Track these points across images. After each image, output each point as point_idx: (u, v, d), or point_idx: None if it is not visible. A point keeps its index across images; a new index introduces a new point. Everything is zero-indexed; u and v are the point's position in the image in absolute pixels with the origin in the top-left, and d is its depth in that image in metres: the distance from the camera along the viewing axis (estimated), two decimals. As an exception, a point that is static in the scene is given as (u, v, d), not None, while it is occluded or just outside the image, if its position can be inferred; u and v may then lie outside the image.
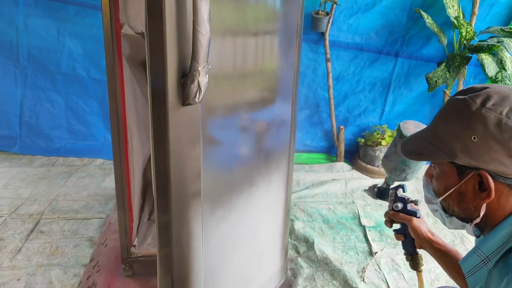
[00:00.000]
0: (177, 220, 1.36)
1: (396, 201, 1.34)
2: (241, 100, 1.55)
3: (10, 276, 2.24)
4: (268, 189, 1.81)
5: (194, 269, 1.47)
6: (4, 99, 3.43)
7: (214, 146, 1.46)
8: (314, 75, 3.56)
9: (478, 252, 0.94)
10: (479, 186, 0.90)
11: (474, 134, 0.87)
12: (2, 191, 3.04)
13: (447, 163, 0.93)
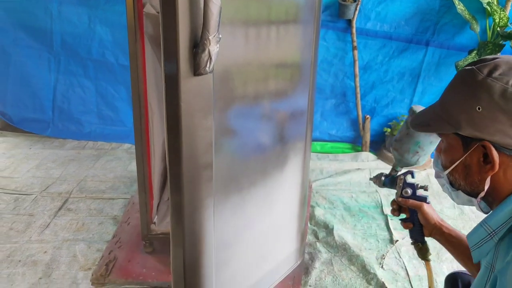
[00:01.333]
0: (189, 190, 1.38)
1: (405, 187, 1.32)
2: (258, 86, 1.56)
3: (37, 249, 2.34)
4: (283, 171, 1.81)
5: (206, 243, 1.49)
6: (38, 84, 3.57)
7: (228, 125, 1.48)
8: (341, 64, 3.53)
9: (485, 226, 0.92)
10: (483, 158, 0.88)
11: (479, 105, 0.85)
12: (35, 170, 3.17)
13: (453, 135, 0.92)
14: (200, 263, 1.50)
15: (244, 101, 1.52)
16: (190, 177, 1.37)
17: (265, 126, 1.67)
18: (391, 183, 1.39)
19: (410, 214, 1.33)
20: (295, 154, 1.87)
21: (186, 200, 1.39)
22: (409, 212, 1.33)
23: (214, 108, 1.35)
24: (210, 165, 1.41)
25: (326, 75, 3.57)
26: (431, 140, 1.30)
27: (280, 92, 1.68)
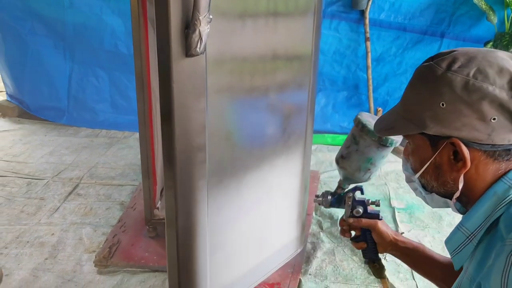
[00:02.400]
0: (182, 171, 1.39)
1: (356, 205, 1.21)
2: (254, 71, 1.56)
3: (45, 231, 2.40)
4: (281, 158, 1.81)
5: (200, 225, 1.51)
6: (54, 73, 3.65)
7: (223, 109, 1.48)
8: (354, 55, 3.49)
9: (462, 228, 0.88)
10: (454, 156, 0.84)
11: (442, 100, 0.81)
12: (48, 156, 3.25)
13: (419, 136, 0.88)
14: (194, 244, 1.51)
15: (240, 86, 1.53)
16: (183, 159, 1.39)
17: (262, 112, 1.67)
18: (338, 202, 1.28)
19: (362, 233, 1.24)
20: (295, 141, 1.86)
21: (179, 181, 1.40)
22: (361, 231, 1.24)
23: (207, 91, 1.36)
24: (203, 148, 1.42)
25: (339, 67, 3.54)
26: (383, 154, 1.20)
27: (278, 79, 1.68)
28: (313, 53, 1.79)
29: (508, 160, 0.83)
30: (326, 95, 3.62)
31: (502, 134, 0.80)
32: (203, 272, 1.58)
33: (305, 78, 1.80)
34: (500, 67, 0.79)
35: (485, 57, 0.81)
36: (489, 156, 0.82)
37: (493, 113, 0.78)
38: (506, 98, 0.77)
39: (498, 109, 0.78)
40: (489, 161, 0.83)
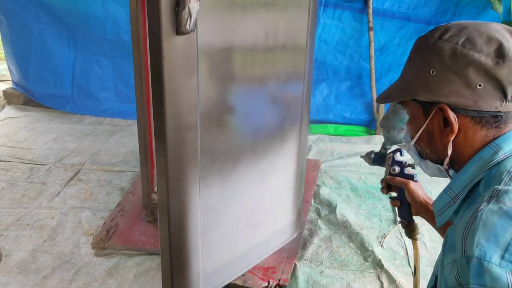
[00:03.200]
0: (173, 150, 1.40)
1: (394, 164, 1.30)
2: (249, 54, 1.56)
3: (46, 214, 2.43)
4: (275, 142, 1.81)
5: (191, 204, 1.52)
6: (59, 61, 3.68)
7: (216, 89, 1.48)
8: (357, 45, 3.47)
9: (449, 191, 0.91)
10: (443, 122, 0.87)
11: (432, 68, 0.85)
12: (52, 143, 3.28)
13: (414, 104, 0.92)
14: (186, 224, 1.53)
15: (232, 67, 1.52)
16: (174, 138, 1.39)
17: (255, 95, 1.67)
18: (380, 161, 1.39)
19: (398, 192, 1.31)
20: (290, 126, 1.86)
21: (170, 160, 1.41)
22: (397, 190, 1.31)
23: (198, 69, 1.37)
24: (195, 127, 1.42)
25: (341, 57, 3.52)
26: None
27: (272, 61, 1.67)
28: (308, 40, 1.78)
29: (497, 127, 0.85)
30: (328, 85, 3.60)
31: (489, 101, 0.82)
32: (195, 253, 1.59)
33: (301, 62, 1.79)
34: (490, 37, 0.81)
35: (476, 27, 0.84)
36: (477, 123, 0.85)
37: (479, 80, 0.81)
38: (491, 64, 0.79)
39: (484, 76, 0.80)
40: (477, 127, 0.85)
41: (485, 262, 0.69)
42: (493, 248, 0.70)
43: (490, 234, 0.71)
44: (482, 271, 0.69)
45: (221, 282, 1.78)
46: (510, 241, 0.69)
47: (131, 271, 2.02)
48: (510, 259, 0.68)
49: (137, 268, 2.03)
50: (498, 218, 0.72)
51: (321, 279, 2.00)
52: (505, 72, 0.80)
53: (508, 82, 0.80)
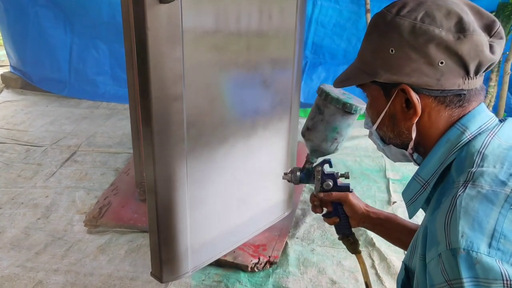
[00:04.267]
0: (158, 120, 1.40)
1: (325, 179, 1.19)
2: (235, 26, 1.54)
3: (40, 193, 2.44)
4: (264, 118, 1.80)
5: (178, 174, 1.52)
6: (56, 44, 3.67)
7: (202, 61, 1.47)
8: (355, 28, 3.44)
9: (418, 178, 0.87)
10: (406, 104, 0.83)
11: (391, 46, 0.80)
12: (48, 125, 3.29)
13: (374, 86, 0.86)
14: (173, 195, 1.53)
15: (218, 37, 1.51)
16: (159, 108, 1.39)
17: (244, 69, 1.65)
18: (308, 178, 1.23)
19: (333, 208, 1.21)
20: (280, 102, 1.85)
21: (155, 130, 1.41)
22: (333, 205, 1.21)
23: (183, 39, 1.36)
24: (180, 98, 1.42)
25: (339, 40, 3.50)
26: (349, 123, 1.15)
27: (259, 33, 1.65)
28: (298, 22, 1.76)
29: (461, 106, 0.82)
30: (326, 68, 3.58)
31: (451, 79, 0.79)
32: (183, 227, 1.60)
33: (290, 38, 1.78)
34: (449, 10, 0.77)
35: (434, 1, 0.80)
36: (440, 103, 0.81)
37: (441, 57, 0.77)
38: (452, 40, 0.76)
39: (445, 52, 0.77)
40: (441, 107, 0.82)
41: (474, 253, 0.65)
42: (479, 237, 0.66)
43: (474, 222, 0.67)
44: (472, 262, 0.65)
45: (210, 257, 1.79)
46: (495, 226, 0.66)
47: (123, 247, 2.03)
48: (498, 246, 0.65)
49: (129, 245, 2.04)
50: (478, 204, 0.69)
51: (312, 257, 2.00)
52: (466, 47, 0.76)
53: (470, 58, 0.77)
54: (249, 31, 1.60)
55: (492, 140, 0.78)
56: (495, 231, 0.66)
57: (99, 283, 1.81)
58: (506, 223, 0.66)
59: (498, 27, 0.79)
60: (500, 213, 0.67)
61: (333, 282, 1.85)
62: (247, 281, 1.85)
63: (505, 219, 0.66)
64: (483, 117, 0.82)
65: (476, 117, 0.81)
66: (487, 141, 0.78)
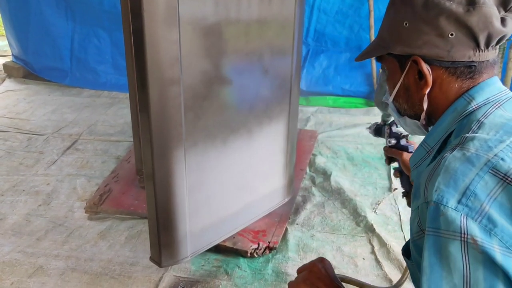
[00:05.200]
0: (155, 105, 1.39)
1: (390, 136, 1.35)
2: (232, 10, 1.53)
3: (41, 181, 2.45)
4: (263, 103, 1.79)
5: (176, 159, 1.51)
6: (57, 33, 3.67)
7: (199, 44, 1.46)
8: (357, 15, 3.41)
9: (424, 144, 0.91)
10: (418, 76, 0.87)
11: (405, 20, 0.84)
12: (50, 114, 3.30)
13: (391, 59, 0.91)
14: (171, 180, 1.52)
15: (215, 22, 1.50)
16: (156, 92, 1.39)
17: (243, 53, 1.64)
18: (379, 133, 1.43)
19: (399, 163, 1.35)
20: (279, 88, 1.84)
21: (153, 114, 1.40)
22: (398, 161, 1.35)
23: (179, 21, 1.35)
24: (177, 81, 1.41)
25: (341, 27, 3.48)
26: None
27: (259, 21, 1.64)
28: (296, 11, 1.74)
29: (471, 78, 0.84)
30: (328, 56, 3.56)
31: (462, 51, 0.81)
32: (182, 212, 1.59)
33: (289, 30, 1.76)
34: None
35: None
36: (451, 74, 0.84)
37: (451, 29, 0.80)
38: (462, 12, 0.79)
39: (455, 24, 0.80)
40: (452, 79, 0.84)
41: (442, 206, 0.69)
42: (451, 193, 0.69)
43: (450, 179, 0.71)
44: (437, 214, 0.69)
45: (210, 243, 1.79)
46: (468, 185, 0.69)
47: (123, 234, 2.03)
48: (466, 203, 0.68)
49: (129, 231, 2.05)
50: (460, 164, 0.72)
51: (312, 243, 2.00)
52: (475, 19, 0.78)
53: (479, 30, 0.79)
54: (248, 15, 1.59)
55: (495, 110, 0.80)
56: (468, 190, 0.69)
57: (99, 268, 1.82)
58: (480, 184, 0.69)
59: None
60: (477, 174, 0.70)
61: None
62: (246, 266, 1.85)
63: (481, 180, 0.69)
64: (493, 89, 0.84)
65: (484, 89, 0.83)
66: (489, 111, 0.81)
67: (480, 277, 0.65)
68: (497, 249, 0.65)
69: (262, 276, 1.80)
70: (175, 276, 1.79)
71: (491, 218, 0.66)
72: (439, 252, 0.68)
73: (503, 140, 0.73)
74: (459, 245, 0.66)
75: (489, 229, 0.66)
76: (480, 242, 0.65)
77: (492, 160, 0.70)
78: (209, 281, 1.77)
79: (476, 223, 0.66)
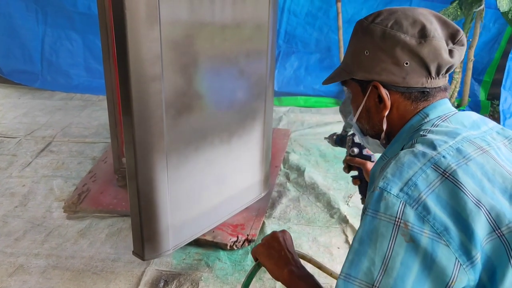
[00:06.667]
0: (137, 101, 1.44)
1: (353, 146, 1.38)
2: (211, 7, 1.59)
3: (16, 183, 2.44)
4: (241, 104, 1.87)
5: (158, 156, 1.56)
6: (27, 36, 3.63)
7: (179, 42, 1.51)
8: (326, 17, 3.53)
9: (384, 156, 0.98)
10: (378, 99, 0.94)
11: (366, 49, 0.92)
12: (21, 117, 3.26)
13: (354, 84, 0.98)
14: (153, 174, 1.57)
15: (194, 20, 1.55)
16: (138, 88, 1.43)
17: (221, 51, 1.70)
18: (342, 143, 1.46)
19: (358, 172, 1.39)
20: (255, 85, 1.91)
21: (135, 111, 1.45)
22: (357, 169, 1.39)
23: (160, 20, 1.40)
24: (159, 78, 1.46)
25: (311, 29, 3.59)
26: None
27: (234, 16, 1.71)
28: (270, 13, 1.82)
29: (425, 100, 0.93)
30: (299, 57, 3.66)
31: (415, 78, 0.90)
32: (163, 206, 1.64)
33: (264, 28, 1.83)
34: (415, 19, 0.89)
35: (404, 11, 0.92)
36: (406, 98, 0.92)
37: (406, 58, 0.88)
38: (415, 44, 0.87)
39: (409, 54, 0.88)
40: (408, 102, 0.93)
41: (385, 192, 0.77)
42: (395, 182, 0.77)
43: (397, 170, 0.79)
44: (380, 198, 0.77)
45: (191, 236, 1.84)
46: (411, 177, 0.77)
47: (103, 231, 2.05)
48: (407, 191, 0.76)
49: (109, 229, 2.07)
50: (407, 159, 0.80)
51: (289, 234, 2.07)
52: (426, 50, 0.87)
53: (430, 60, 0.88)
54: (224, 16, 1.65)
55: (442, 122, 0.90)
56: (410, 180, 0.77)
57: (81, 265, 1.84)
58: (422, 177, 0.77)
59: (461, 35, 0.91)
60: (420, 168, 0.78)
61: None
62: (226, 258, 1.91)
63: (423, 173, 0.77)
64: (444, 108, 0.93)
65: (437, 108, 0.92)
66: (437, 123, 0.90)
67: (397, 262, 0.73)
68: (426, 234, 0.73)
69: (242, 267, 1.86)
70: (157, 270, 1.83)
71: (426, 206, 0.74)
72: (370, 231, 0.76)
73: (447, 141, 0.83)
74: (391, 228, 0.74)
75: (423, 215, 0.74)
76: (411, 226, 0.73)
77: (435, 157, 0.79)
78: (191, 273, 1.82)
79: (413, 209, 0.74)
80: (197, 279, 1.79)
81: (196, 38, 1.58)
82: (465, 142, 0.83)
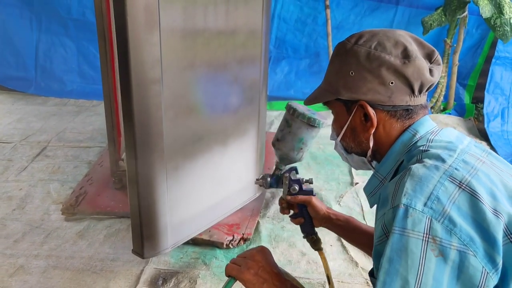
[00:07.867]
0: (138, 102, 1.50)
1: (292, 184, 1.32)
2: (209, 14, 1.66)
3: (13, 187, 2.47)
4: (237, 105, 1.93)
5: (157, 156, 1.62)
6: (21, 42, 3.67)
7: (178, 47, 1.58)
8: (315, 24, 3.63)
9: (377, 174, 1.02)
10: (364, 118, 0.97)
11: (351, 69, 0.95)
12: (16, 123, 3.29)
13: (338, 103, 1.01)
14: (153, 174, 1.62)
15: (193, 25, 1.62)
16: (138, 91, 1.49)
17: (219, 54, 1.77)
18: (277, 183, 1.36)
19: (299, 210, 1.36)
20: (250, 89, 1.98)
21: (136, 114, 1.50)
22: (298, 207, 1.36)
23: (160, 25, 1.46)
24: (158, 81, 1.52)
25: (301, 35, 3.68)
26: (313, 135, 1.30)
27: (231, 32, 1.78)
28: (263, 20, 1.89)
29: (410, 118, 0.97)
30: (289, 62, 3.75)
31: (400, 96, 0.94)
32: (163, 205, 1.69)
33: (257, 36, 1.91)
34: (396, 41, 0.94)
35: (385, 33, 0.96)
36: (392, 116, 0.96)
37: (391, 78, 0.93)
38: (399, 64, 0.92)
39: (395, 74, 0.92)
40: (393, 120, 0.97)
41: (411, 209, 0.78)
42: (418, 197, 0.79)
43: (416, 185, 0.81)
44: (406, 215, 0.78)
45: (188, 235, 1.89)
46: (432, 190, 0.80)
47: (102, 232, 2.10)
48: (431, 205, 0.78)
49: (107, 230, 2.12)
50: (422, 173, 0.83)
51: (283, 233, 2.14)
52: (410, 70, 0.92)
53: (414, 79, 0.92)
54: (220, 23, 1.72)
55: (435, 137, 0.95)
56: (432, 194, 0.79)
57: (80, 265, 1.88)
58: (441, 189, 0.80)
59: (437, 55, 0.96)
60: (438, 181, 0.81)
61: (302, 254, 2.00)
62: (223, 257, 1.97)
63: (441, 186, 0.81)
64: (429, 124, 0.98)
65: (424, 124, 0.97)
66: (431, 138, 0.95)
67: (430, 278, 0.74)
68: (454, 246, 0.75)
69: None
70: (156, 269, 1.88)
71: (451, 219, 0.76)
72: (400, 250, 0.76)
73: (451, 155, 0.87)
74: (420, 244, 0.76)
75: (449, 228, 0.76)
76: (439, 241, 0.75)
77: (449, 170, 0.83)
78: (189, 271, 1.87)
79: (439, 224, 0.76)
80: (194, 276, 1.84)
81: (193, 43, 1.64)
82: (465, 154, 0.88)
